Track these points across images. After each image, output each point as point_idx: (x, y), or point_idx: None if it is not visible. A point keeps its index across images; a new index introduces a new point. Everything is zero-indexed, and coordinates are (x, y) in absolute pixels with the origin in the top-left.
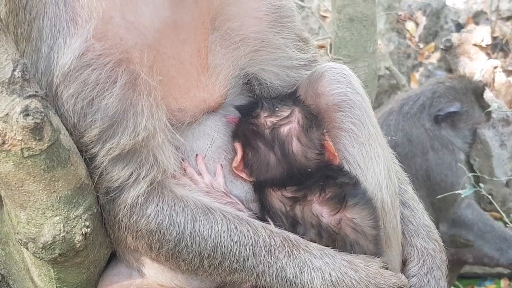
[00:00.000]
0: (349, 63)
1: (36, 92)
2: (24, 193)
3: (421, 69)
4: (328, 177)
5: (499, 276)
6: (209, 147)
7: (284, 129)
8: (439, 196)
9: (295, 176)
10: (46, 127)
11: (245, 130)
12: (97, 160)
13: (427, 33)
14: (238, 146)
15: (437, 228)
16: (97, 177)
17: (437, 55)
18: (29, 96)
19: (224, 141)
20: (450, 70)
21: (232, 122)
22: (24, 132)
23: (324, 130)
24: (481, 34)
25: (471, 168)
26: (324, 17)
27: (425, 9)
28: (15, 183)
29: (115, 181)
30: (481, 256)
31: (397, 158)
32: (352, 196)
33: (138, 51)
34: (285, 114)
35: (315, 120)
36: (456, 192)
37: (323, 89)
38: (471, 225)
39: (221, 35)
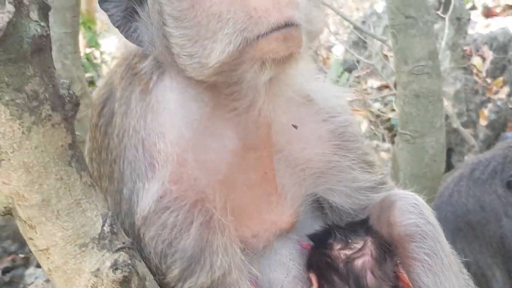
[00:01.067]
0: (417, 137)
1: (124, 243)
2: None
3: (490, 105)
4: None
5: None
6: (285, 277)
7: (358, 263)
8: None
9: None
10: (133, 277)
11: (319, 262)
12: None
13: (494, 68)
14: (313, 277)
15: None
16: None
17: (506, 89)
18: (118, 250)
19: (299, 270)
20: None
21: (307, 248)
22: (113, 285)
23: (398, 261)
24: None
25: None
26: (386, 56)
27: (491, 43)
28: None
29: None
30: None
31: (470, 226)
32: None
33: (211, 188)
34: (358, 246)
35: (388, 251)
36: None
37: (395, 219)
38: None
39: (285, 156)
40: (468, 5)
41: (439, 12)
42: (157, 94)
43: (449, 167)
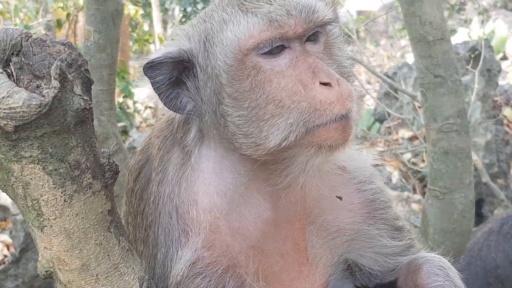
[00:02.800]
0: (446, 194)
1: None
2: None
3: None
4: None
5: None
6: None
7: None
8: None
9: None
10: None
11: None
12: None
13: None
14: None
15: None
16: None
17: None
18: None
19: None
20: None
21: None
22: None
23: None
24: None
25: None
26: (417, 108)
27: None
28: None
29: None
30: None
31: (499, 280)
32: None
33: (244, 255)
34: None
35: None
36: None
37: (422, 281)
38: None
39: (317, 227)
40: (499, 56)
41: (468, 67)
42: (193, 164)
43: (480, 217)
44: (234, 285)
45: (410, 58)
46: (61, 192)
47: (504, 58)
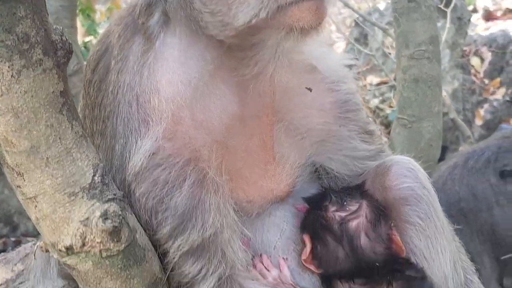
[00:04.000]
0: (414, 122)
1: (115, 194)
2: None
3: (486, 105)
4: (396, 271)
5: None
6: (278, 238)
7: (353, 224)
8: (505, 257)
9: (363, 269)
10: (124, 229)
11: (314, 223)
12: (169, 256)
13: (492, 69)
14: (307, 238)
15: (501, 282)
16: (169, 272)
17: (502, 90)
18: (108, 200)
19: (293, 232)
20: None
21: (301, 211)
22: (103, 235)
23: (392, 224)
24: None
25: None
26: (388, 53)
27: (490, 44)
28: (93, 280)
29: (186, 275)
30: None
31: (462, 213)
32: None
33: (207, 149)
34: (353, 208)
35: (383, 214)
36: None
37: (390, 183)
38: None
39: (286, 125)
40: (470, 8)
41: (441, 6)
42: (157, 52)
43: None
44: (195, 178)
45: (382, 5)
46: (8, 67)
47: (475, 11)
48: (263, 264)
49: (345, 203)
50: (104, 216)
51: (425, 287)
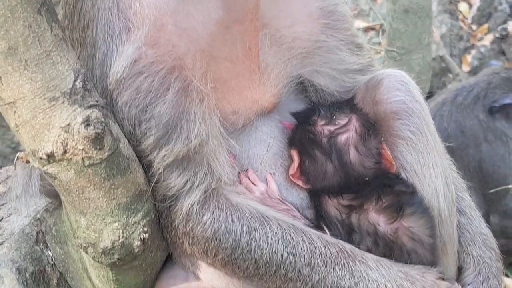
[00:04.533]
0: (403, 54)
1: (97, 101)
2: (84, 200)
3: (473, 52)
4: (385, 186)
5: None
6: (265, 153)
7: (342, 138)
8: (492, 191)
9: (352, 184)
10: (107, 136)
11: (302, 138)
12: (154, 167)
13: (480, 15)
14: (294, 153)
15: (488, 219)
16: (154, 184)
17: (490, 37)
18: (90, 106)
19: (280, 148)
20: (503, 53)
21: (289, 128)
22: (85, 142)
23: (382, 138)
24: None
25: None
26: None
27: None
28: (76, 190)
29: (171, 188)
30: None
31: (450, 150)
32: (409, 205)
33: (191, 57)
34: (343, 122)
35: (373, 128)
36: (509, 187)
37: (381, 97)
38: None
39: (271, 33)
40: None
41: None
42: None
43: None
44: (179, 87)
45: None
46: None
47: None
48: (249, 179)
49: (334, 117)
50: (86, 122)
51: (415, 202)
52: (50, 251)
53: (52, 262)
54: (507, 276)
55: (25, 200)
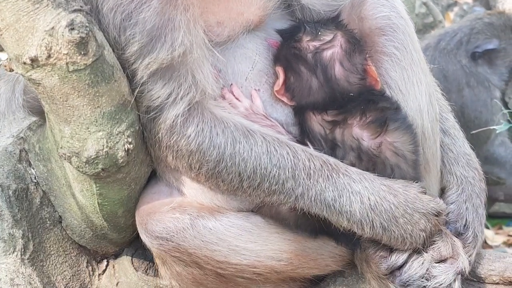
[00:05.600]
0: None
1: (81, 7)
2: (68, 108)
3: (456, 9)
4: (370, 101)
5: None
6: (250, 70)
7: (327, 54)
8: (474, 132)
9: (337, 100)
10: (91, 42)
11: (287, 54)
12: (138, 76)
13: None
14: (280, 70)
15: None
16: (138, 95)
17: None
18: (74, 11)
19: (265, 65)
20: (487, 6)
21: (274, 46)
22: (69, 46)
23: (367, 55)
24: None
25: (506, 106)
26: None
27: None
28: (60, 97)
29: (155, 99)
30: None
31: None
32: (393, 120)
33: None
34: (328, 38)
35: (358, 44)
36: (491, 127)
37: (366, 13)
38: (503, 162)
39: None
40: None
41: None
42: None
43: None
44: None
45: None
46: None
47: None
48: (233, 95)
49: (319, 33)
50: (71, 26)
51: (399, 118)
52: (33, 169)
53: (35, 181)
54: (487, 228)
55: (9, 116)
